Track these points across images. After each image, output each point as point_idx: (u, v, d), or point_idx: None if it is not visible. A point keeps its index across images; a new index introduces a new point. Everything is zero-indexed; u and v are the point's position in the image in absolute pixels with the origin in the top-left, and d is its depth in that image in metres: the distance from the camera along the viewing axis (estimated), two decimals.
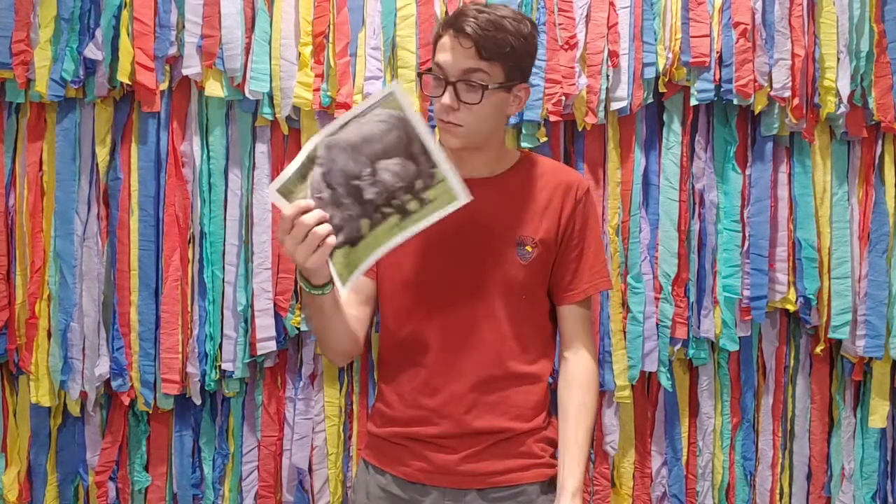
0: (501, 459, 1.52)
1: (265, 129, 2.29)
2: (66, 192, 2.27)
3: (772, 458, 2.38)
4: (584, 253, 1.56)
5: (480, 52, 1.43)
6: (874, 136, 2.31)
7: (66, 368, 2.28)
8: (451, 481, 1.51)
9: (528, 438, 1.54)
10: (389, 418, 1.56)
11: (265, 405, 2.34)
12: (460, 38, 1.42)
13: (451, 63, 1.44)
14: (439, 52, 1.47)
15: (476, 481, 1.51)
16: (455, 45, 1.43)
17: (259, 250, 2.27)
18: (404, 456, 1.54)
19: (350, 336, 1.54)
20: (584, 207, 1.56)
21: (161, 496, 2.37)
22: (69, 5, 2.20)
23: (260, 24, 2.22)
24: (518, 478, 1.52)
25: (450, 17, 1.47)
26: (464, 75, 1.43)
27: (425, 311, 1.52)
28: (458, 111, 1.45)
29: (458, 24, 1.43)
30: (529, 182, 1.54)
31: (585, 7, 2.23)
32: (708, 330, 2.30)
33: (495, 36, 1.42)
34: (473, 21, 1.42)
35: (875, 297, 2.29)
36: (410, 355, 1.54)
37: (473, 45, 1.42)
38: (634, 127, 2.28)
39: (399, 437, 1.55)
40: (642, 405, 2.37)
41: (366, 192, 1.35)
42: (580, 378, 1.55)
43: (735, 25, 2.21)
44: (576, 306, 1.57)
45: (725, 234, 2.29)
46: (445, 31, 1.46)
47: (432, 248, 1.51)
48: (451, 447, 1.51)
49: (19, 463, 2.35)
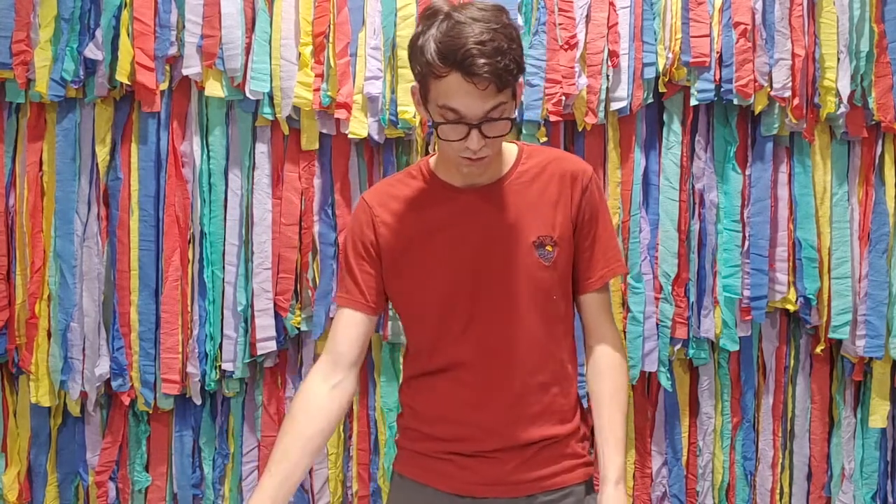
0: (549, 465, 1.49)
1: (265, 129, 2.29)
2: (66, 192, 2.27)
3: (772, 458, 2.38)
4: (597, 239, 1.52)
5: (498, 88, 1.33)
6: (874, 136, 2.31)
7: (66, 368, 2.28)
8: (501, 491, 1.48)
9: (571, 440, 1.52)
10: (428, 436, 1.52)
11: (265, 405, 2.34)
12: (476, 81, 1.31)
13: (470, 108, 1.33)
14: (445, 95, 1.33)
15: (526, 488, 1.48)
16: (470, 90, 1.32)
17: (259, 250, 2.27)
18: (450, 469, 1.50)
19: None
20: (591, 194, 1.51)
21: (161, 496, 2.37)
22: (69, 5, 2.20)
23: (260, 24, 2.22)
24: (565, 480, 1.50)
25: (447, 55, 1.31)
26: (487, 115, 1.35)
27: (458, 332, 1.47)
28: (483, 147, 1.38)
29: (467, 67, 1.30)
30: (534, 178, 1.51)
31: (585, 7, 2.23)
32: (708, 330, 2.30)
33: (506, 66, 1.32)
34: (482, 59, 1.30)
35: (875, 297, 2.29)
36: (447, 376, 1.49)
37: (491, 83, 1.31)
38: (634, 127, 2.28)
39: (442, 453, 1.51)
40: (642, 405, 2.37)
41: None
42: (610, 363, 1.52)
43: (735, 25, 2.21)
44: (595, 293, 1.54)
45: (725, 234, 2.29)
46: (449, 72, 1.31)
47: (455, 268, 1.46)
48: (499, 458, 1.47)
49: (19, 463, 2.35)
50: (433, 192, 1.49)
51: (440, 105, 1.35)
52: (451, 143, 1.38)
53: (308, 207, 2.29)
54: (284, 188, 2.28)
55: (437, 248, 1.46)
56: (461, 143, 1.37)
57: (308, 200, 2.29)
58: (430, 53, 1.32)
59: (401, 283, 1.49)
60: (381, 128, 2.23)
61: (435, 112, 1.37)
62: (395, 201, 1.50)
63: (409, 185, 1.51)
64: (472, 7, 1.35)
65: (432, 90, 1.36)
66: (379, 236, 1.48)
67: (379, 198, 1.51)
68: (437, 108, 1.36)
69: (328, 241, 2.28)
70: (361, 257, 1.49)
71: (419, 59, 1.35)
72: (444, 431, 1.49)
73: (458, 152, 1.39)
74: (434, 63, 1.32)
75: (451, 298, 1.46)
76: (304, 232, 2.29)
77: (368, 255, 1.49)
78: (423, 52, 1.33)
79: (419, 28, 1.36)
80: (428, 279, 1.48)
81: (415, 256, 1.47)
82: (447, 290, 1.46)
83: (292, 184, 2.28)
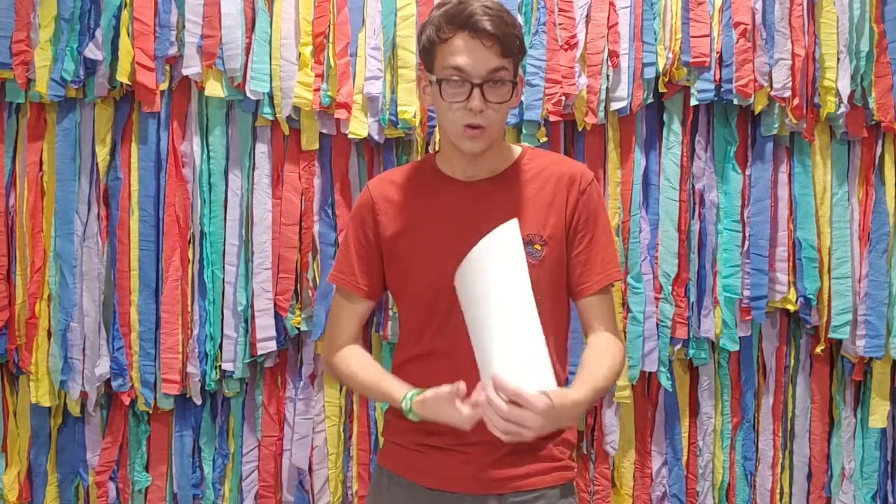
0: (523, 465, 1.50)
1: (265, 129, 2.29)
2: (66, 192, 2.27)
3: (772, 458, 2.38)
4: (595, 243, 1.52)
5: (502, 50, 1.40)
6: (874, 136, 2.31)
7: (66, 368, 2.28)
8: (471, 487, 1.49)
9: (549, 442, 1.52)
10: (406, 426, 1.53)
11: (265, 405, 2.34)
12: (481, 37, 1.38)
13: (473, 65, 1.39)
14: (453, 54, 1.40)
15: (496, 486, 1.49)
16: (476, 47, 1.39)
17: (259, 250, 2.27)
18: (422, 462, 1.52)
19: None
20: (588, 198, 1.52)
21: (161, 496, 2.37)
22: (69, 5, 2.20)
23: (260, 24, 2.22)
24: (538, 482, 1.51)
25: (453, 17, 1.40)
26: (489, 75, 1.40)
27: (441, 321, 1.49)
28: (484, 112, 1.42)
29: (473, 24, 1.38)
30: (532, 178, 1.52)
31: (585, 7, 2.23)
32: (708, 330, 2.30)
33: (511, 31, 1.40)
34: (488, 19, 1.38)
35: (875, 297, 2.29)
36: (426, 364, 1.51)
37: (495, 42, 1.39)
38: (634, 127, 2.28)
39: (417, 445, 1.53)
40: (642, 405, 2.36)
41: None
42: (605, 344, 1.50)
43: (735, 25, 2.21)
44: (594, 298, 1.53)
45: (725, 234, 2.29)
46: (455, 33, 1.40)
47: (443, 257, 1.47)
48: (471, 454, 1.49)
49: (19, 463, 2.35)
50: (432, 183, 1.53)
51: (445, 66, 1.41)
52: (454, 106, 1.42)
53: (308, 207, 2.29)
54: (284, 188, 2.28)
55: (429, 237, 1.49)
56: (463, 107, 1.41)
57: (308, 200, 2.29)
58: (437, 20, 1.41)
59: (396, 269, 1.54)
60: (381, 128, 2.23)
61: (441, 73, 1.43)
62: (396, 190, 1.54)
63: (412, 175, 1.56)
64: None
65: (438, 56, 1.43)
66: (378, 223, 1.53)
67: (381, 185, 1.57)
68: (441, 69, 1.42)
69: (328, 241, 2.28)
70: (360, 241, 1.55)
71: (426, 32, 1.44)
72: (420, 422, 1.50)
73: (459, 119, 1.43)
74: (441, 27, 1.41)
75: (437, 287, 1.48)
76: (304, 232, 2.29)
77: (367, 239, 1.55)
78: (430, 24, 1.43)
79: (430, 14, 1.46)
80: (418, 267, 1.51)
81: (409, 244, 1.51)
82: (434, 278, 1.48)
83: (292, 184, 2.28)
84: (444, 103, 1.43)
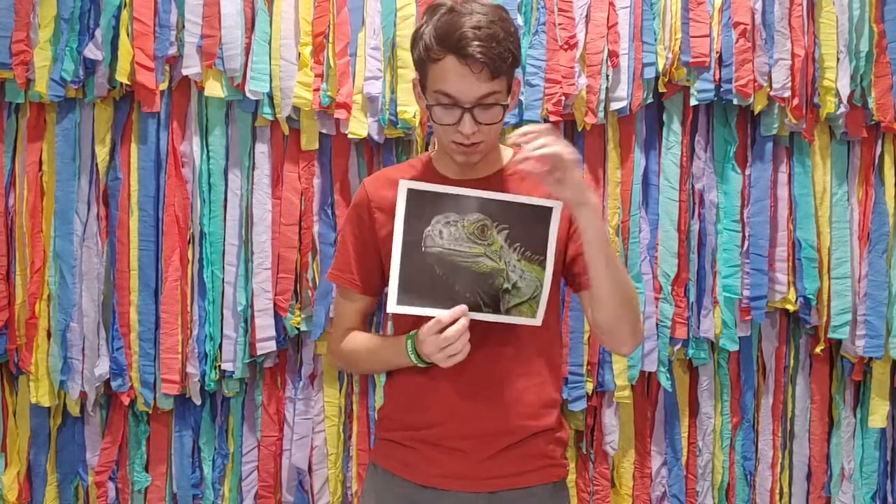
0: (515, 462, 1.50)
1: (265, 129, 2.29)
2: (66, 192, 2.27)
3: (772, 458, 2.38)
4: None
5: (492, 74, 1.37)
6: (874, 136, 2.31)
7: (65, 368, 2.28)
8: (463, 485, 1.50)
9: (541, 439, 1.53)
10: (399, 422, 1.55)
11: (265, 405, 2.34)
12: (469, 63, 1.35)
13: (463, 91, 1.38)
14: (441, 79, 1.38)
15: (488, 484, 1.50)
16: (464, 73, 1.36)
17: (259, 250, 2.27)
18: (415, 459, 1.53)
19: None
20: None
21: (161, 496, 2.37)
22: (69, 5, 2.20)
23: (260, 24, 2.22)
24: (530, 479, 1.51)
25: (443, 38, 1.36)
26: (479, 101, 1.39)
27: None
28: (475, 133, 1.41)
29: (461, 49, 1.35)
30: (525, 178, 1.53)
31: (585, 7, 2.23)
32: (708, 330, 2.30)
33: (501, 53, 1.37)
34: (476, 43, 1.34)
35: (875, 297, 2.29)
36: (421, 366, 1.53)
37: (484, 68, 1.36)
38: (634, 127, 2.28)
39: (410, 441, 1.53)
40: (642, 405, 2.36)
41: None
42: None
43: (735, 25, 2.21)
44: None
45: (725, 234, 2.29)
46: (445, 55, 1.37)
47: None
48: (463, 451, 1.49)
49: (19, 463, 2.35)
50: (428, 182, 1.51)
51: (435, 90, 1.40)
52: (445, 127, 1.42)
53: (308, 207, 2.29)
54: (284, 188, 2.28)
55: None
56: (454, 128, 1.41)
57: (308, 200, 2.29)
58: (428, 37, 1.38)
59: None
60: (380, 128, 2.23)
61: (431, 96, 1.42)
62: (392, 188, 1.52)
63: (407, 173, 1.56)
64: (474, 3, 1.41)
65: (429, 75, 1.41)
66: (375, 221, 1.54)
67: (377, 183, 1.57)
68: (432, 92, 1.41)
69: (328, 241, 2.28)
70: (357, 239, 1.56)
71: (418, 47, 1.41)
72: (412, 418, 1.52)
73: (451, 137, 1.43)
74: (431, 47, 1.38)
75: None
76: (303, 232, 2.29)
77: (364, 237, 1.55)
78: (422, 38, 1.40)
79: (422, 20, 1.43)
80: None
81: None
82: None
83: (292, 184, 2.28)
84: (436, 123, 1.43)
